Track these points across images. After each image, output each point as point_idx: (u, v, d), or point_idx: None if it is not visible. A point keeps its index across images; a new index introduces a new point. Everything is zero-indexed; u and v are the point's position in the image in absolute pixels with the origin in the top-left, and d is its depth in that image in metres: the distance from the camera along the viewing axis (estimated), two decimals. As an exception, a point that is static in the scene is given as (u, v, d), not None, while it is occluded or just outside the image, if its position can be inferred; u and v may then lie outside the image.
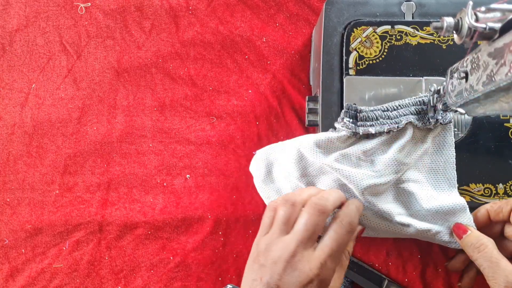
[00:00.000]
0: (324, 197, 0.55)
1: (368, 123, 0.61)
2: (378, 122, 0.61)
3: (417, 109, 0.61)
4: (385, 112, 0.61)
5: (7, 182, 0.81)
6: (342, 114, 0.62)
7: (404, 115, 0.61)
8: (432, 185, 0.63)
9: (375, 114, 0.61)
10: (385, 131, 0.61)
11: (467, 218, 0.61)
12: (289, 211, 0.55)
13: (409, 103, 0.61)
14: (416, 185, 0.62)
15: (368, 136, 0.62)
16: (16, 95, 0.83)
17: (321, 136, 0.62)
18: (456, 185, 0.62)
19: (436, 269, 0.75)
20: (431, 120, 0.62)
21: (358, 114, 0.62)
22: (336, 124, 0.63)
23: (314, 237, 0.53)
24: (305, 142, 0.63)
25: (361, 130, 0.61)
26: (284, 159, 0.66)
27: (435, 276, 0.75)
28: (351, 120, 0.61)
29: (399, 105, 0.62)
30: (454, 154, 0.62)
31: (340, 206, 0.58)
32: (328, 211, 0.54)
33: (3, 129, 0.82)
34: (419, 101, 0.61)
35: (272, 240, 0.54)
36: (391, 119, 0.61)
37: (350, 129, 0.61)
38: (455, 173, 0.62)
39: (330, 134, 0.62)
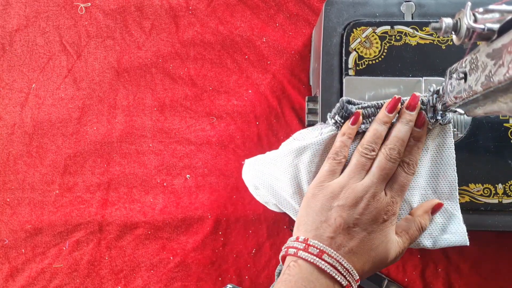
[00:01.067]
0: (396, 145, 0.58)
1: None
2: (370, 120, 0.60)
3: None
4: (378, 109, 0.61)
5: (7, 182, 0.81)
6: (335, 110, 0.61)
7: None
8: (433, 190, 0.62)
9: (367, 111, 0.61)
10: None
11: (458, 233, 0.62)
12: (362, 159, 0.58)
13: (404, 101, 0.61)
14: (416, 191, 0.62)
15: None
16: (16, 95, 0.83)
17: (315, 144, 0.62)
18: (457, 188, 0.62)
19: (436, 269, 0.75)
20: (430, 120, 0.62)
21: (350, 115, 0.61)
22: (328, 119, 0.62)
23: (387, 179, 0.58)
24: (304, 158, 0.62)
25: None
26: (276, 173, 0.65)
27: (435, 276, 0.75)
28: (342, 121, 0.61)
29: None
30: (454, 155, 0.62)
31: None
32: (399, 158, 0.58)
33: (3, 129, 0.82)
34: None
35: (347, 184, 0.57)
36: None
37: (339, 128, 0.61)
38: (456, 175, 0.62)
39: (320, 137, 0.62)
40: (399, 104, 0.59)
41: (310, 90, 0.80)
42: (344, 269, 0.54)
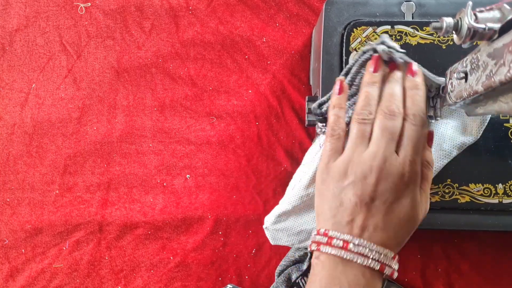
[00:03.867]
0: (391, 100, 0.54)
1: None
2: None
3: None
4: (358, 75, 0.59)
5: (7, 182, 0.81)
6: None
7: None
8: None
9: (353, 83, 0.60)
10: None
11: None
12: (361, 127, 0.54)
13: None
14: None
15: None
16: (16, 95, 0.83)
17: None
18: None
19: (436, 269, 0.75)
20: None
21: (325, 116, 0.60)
22: (317, 130, 0.61)
23: (395, 140, 0.52)
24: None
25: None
26: (302, 220, 0.66)
27: (435, 276, 0.75)
28: (324, 125, 0.59)
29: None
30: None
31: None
32: (399, 112, 0.53)
33: (3, 129, 0.82)
34: None
35: (352, 158, 0.53)
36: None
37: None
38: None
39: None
40: (381, 60, 0.56)
41: (310, 90, 0.80)
42: (374, 252, 0.50)
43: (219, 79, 0.81)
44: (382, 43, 0.55)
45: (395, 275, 0.52)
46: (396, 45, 0.56)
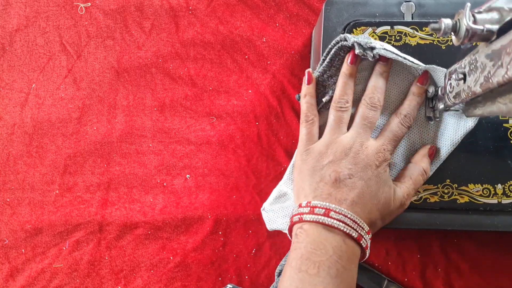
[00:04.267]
0: (374, 93, 0.60)
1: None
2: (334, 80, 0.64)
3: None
4: (333, 67, 0.63)
5: (7, 182, 0.81)
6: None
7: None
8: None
9: (328, 74, 0.63)
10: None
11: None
12: (339, 114, 0.60)
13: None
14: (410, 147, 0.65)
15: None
16: (16, 95, 0.83)
17: None
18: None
19: (436, 269, 0.75)
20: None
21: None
22: None
23: (372, 128, 0.59)
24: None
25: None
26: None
27: (435, 276, 0.75)
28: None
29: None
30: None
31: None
32: (380, 105, 0.60)
33: (3, 129, 0.82)
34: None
35: (331, 140, 0.59)
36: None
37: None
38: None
39: None
40: (356, 55, 0.61)
41: (310, 90, 0.80)
42: (352, 222, 0.54)
43: (219, 79, 0.81)
44: (359, 45, 0.60)
45: (367, 253, 0.57)
46: (374, 43, 0.60)
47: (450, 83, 0.52)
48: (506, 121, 0.65)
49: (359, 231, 0.54)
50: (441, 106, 0.58)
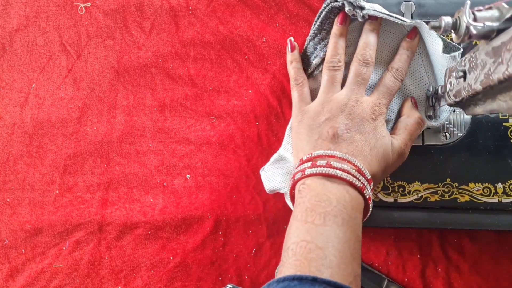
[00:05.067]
0: (366, 49, 0.62)
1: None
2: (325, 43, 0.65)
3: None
4: (323, 30, 0.66)
5: (7, 182, 0.81)
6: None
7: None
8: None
9: (319, 37, 0.66)
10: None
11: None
12: (331, 73, 0.62)
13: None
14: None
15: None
16: (16, 95, 0.83)
17: None
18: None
19: (436, 269, 0.75)
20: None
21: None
22: None
23: (365, 84, 0.61)
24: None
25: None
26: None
27: (435, 276, 0.75)
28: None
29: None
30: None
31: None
32: (372, 61, 0.61)
33: (3, 129, 0.82)
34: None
35: (326, 99, 0.61)
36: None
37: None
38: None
39: None
40: (346, 15, 0.63)
41: (310, 90, 0.80)
42: (354, 169, 0.55)
43: (219, 79, 0.81)
44: (349, 3, 0.62)
45: (371, 207, 0.58)
46: (363, 3, 0.62)
47: (450, 81, 0.52)
48: (506, 120, 0.65)
49: (361, 180, 0.55)
50: (442, 104, 0.58)
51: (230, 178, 0.79)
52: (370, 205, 0.57)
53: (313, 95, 0.64)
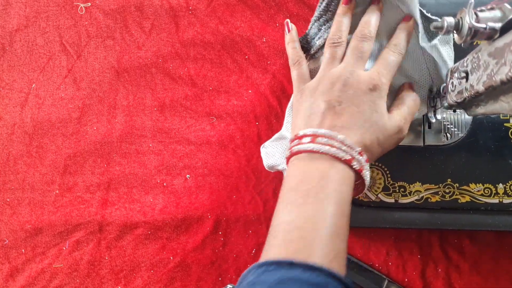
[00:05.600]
0: (365, 26, 0.60)
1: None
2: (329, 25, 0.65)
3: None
4: (329, 12, 0.65)
5: (7, 182, 0.81)
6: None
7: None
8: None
9: (324, 18, 0.66)
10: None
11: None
12: (332, 49, 0.61)
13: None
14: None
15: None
16: (16, 95, 0.83)
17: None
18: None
19: (436, 269, 0.75)
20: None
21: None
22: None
23: (364, 59, 0.59)
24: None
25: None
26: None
27: (435, 276, 0.75)
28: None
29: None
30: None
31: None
32: (371, 36, 0.60)
33: (3, 129, 0.82)
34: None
35: (323, 74, 0.60)
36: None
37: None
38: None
39: None
40: None
41: (310, 90, 0.80)
42: (340, 143, 0.53)
43: (219, 79, 0.81)
44: None
45: (366, 178, 0.56)
46: None
47: (452, 82, 0.52)
48: (507, 121, 0.65)
49: (349, 152, 0.53)
50: (444, 104, 0.58)
51: (230, 178, 0.79)
52: (365, 176, 0.56)
53: (315, 75, 0.63)
